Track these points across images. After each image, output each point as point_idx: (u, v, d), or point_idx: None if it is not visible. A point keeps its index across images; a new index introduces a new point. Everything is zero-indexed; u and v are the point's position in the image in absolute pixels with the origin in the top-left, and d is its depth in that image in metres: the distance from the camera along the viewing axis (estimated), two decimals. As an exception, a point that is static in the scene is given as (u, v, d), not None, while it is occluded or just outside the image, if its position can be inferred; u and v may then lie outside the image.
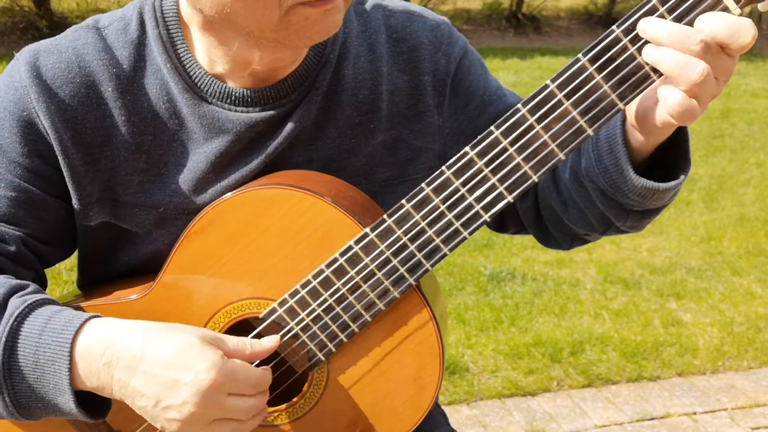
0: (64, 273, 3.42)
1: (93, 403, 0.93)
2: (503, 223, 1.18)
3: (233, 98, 1.00)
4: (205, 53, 0.99)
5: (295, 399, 1.02)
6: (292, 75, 1.01)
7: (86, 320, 0.90)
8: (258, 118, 1.01)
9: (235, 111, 1.01)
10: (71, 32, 1.02)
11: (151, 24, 1.00)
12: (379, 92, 1.05)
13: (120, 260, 1.07)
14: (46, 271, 1.09)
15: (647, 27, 0.80)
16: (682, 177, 0.91)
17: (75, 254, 1.13)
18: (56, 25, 9.02)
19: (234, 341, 0.93)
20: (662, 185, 0.91)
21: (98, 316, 0.92)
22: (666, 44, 0.79)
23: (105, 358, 0.88)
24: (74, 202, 1.02)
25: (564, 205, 1.05)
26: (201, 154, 1.01)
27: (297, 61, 1.02)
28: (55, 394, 0.90)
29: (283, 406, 1.03)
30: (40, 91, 0.97)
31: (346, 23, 1.06)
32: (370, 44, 1.06)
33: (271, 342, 0.96)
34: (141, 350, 0.88)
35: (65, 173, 1.00)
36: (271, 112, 1.01)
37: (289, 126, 1.02)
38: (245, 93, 1.00)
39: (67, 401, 0.89)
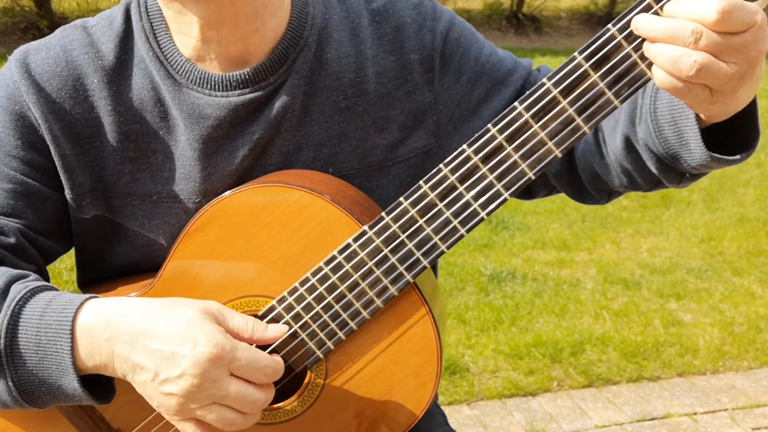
0: (65, 273, 3.43)
1: (98, 389, 0.94)
2: (530, 190, 1.17)
3: (212, 83, 1.02)
4: (179, 33, 1.01)
5: (292, 397, 1.02)
6: (269, 58, 1.02)
7: (86, 299, 0.92)
8: (237, 102, 1.02)
9: (214, 96, 1.02)
10: (59, 31, 1.06)
11: (136, 17, 1.04)
12: (365, 75, 1.06)
13: (117, 254, 1.08)
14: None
15: (640, 24, 0.79)
16: (751, 149, 0.87)
17: (73, 253, 1.13)
18: (57, 25, 9.00)
19: (237, 319, 0.92)
20: (734, 158, 0.86)
21: (98, 297, 0.93)
22: (658, 40, 0.77)
23: (106, 334, 0.89)
24: (67, 193, 1.03)
25: (607, 167, 1.03)
26: (185, 141, 1.03)
27: (259, 29, 1.00)
28: (58, 376, 0.90)
29: (281, 404, 1.03)
30: (30, 84, 1.00)
31: (326, 9, 1.07)
32: (352, 28, 1.07)
33: (276, 330, 0.94)
34: (142, 325, 0.88)
35: (57, 164, 1.02)
36: (251, 96, 1.02)
37: (272, 110, 1.02)
38: (223, 77, 1.02)
39: (70, 382, 0.90)
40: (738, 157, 0.87)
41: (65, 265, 3.46)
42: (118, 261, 1.08)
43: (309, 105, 1.04)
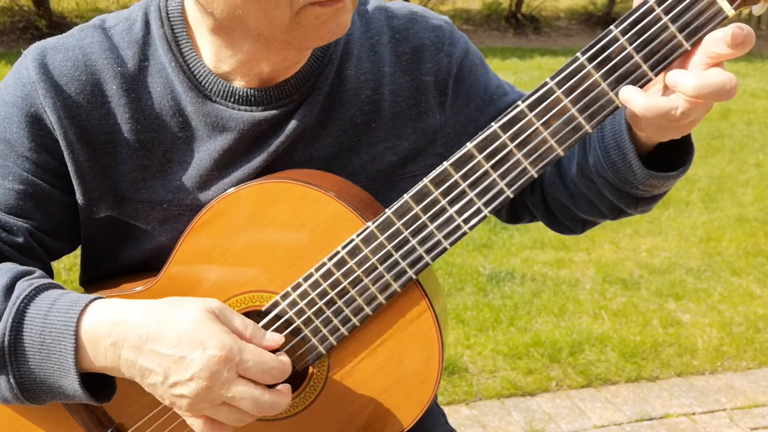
0: (63, 273, 3.43)
1: (98, 386, 0.94)
2: (516, 214, 1.21)
3: (237, 97, 1.02)
4: (212, 53, 1.01)
5: (294, 393, 1.03)
6: (295, 75, 1.03)
7: (92, 300, 0.92)
8: (261, 117, 1.02)
9: (239, 110, 1.02)
10: (78, 31, 1.03)
11: (156, 24, 1.02)
12: (381, 92, 1.07)
13: (124, 256, 1.08)
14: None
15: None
16: (687, 164, 0.95)
17: (76, 253, 1.14)
18: (55, 24, 9.05)
19: (237, 322, 0.92)
20: (671, 174, 0.95)
21: (102, 297, 0.93)
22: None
23: (111, 338, 0.89)
24: (78, 197, 1.03)
25: (572, 197, 1.08)
26: (205, 151, 1.03)
27: (301, 62, 1.03)
28: (59, 376, 0.90)
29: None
30: (47, 87, 0.98)
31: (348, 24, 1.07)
32: (372, 45, 1.07)
33: (272, 339, 0.94)
34: (147, 329, 0.88)
35: (70, 169, 1.01)
36: (274, 112, 1.03)
37: (292, 125, 1.03)
38: (249, 92, 1.02)
39: (71, 383, 0.90)
40: (676, 172, 0.95)
41: (64, 265, 3.47)
42: (125, 261, 1.09)
43: (326, 119, 1.05)
